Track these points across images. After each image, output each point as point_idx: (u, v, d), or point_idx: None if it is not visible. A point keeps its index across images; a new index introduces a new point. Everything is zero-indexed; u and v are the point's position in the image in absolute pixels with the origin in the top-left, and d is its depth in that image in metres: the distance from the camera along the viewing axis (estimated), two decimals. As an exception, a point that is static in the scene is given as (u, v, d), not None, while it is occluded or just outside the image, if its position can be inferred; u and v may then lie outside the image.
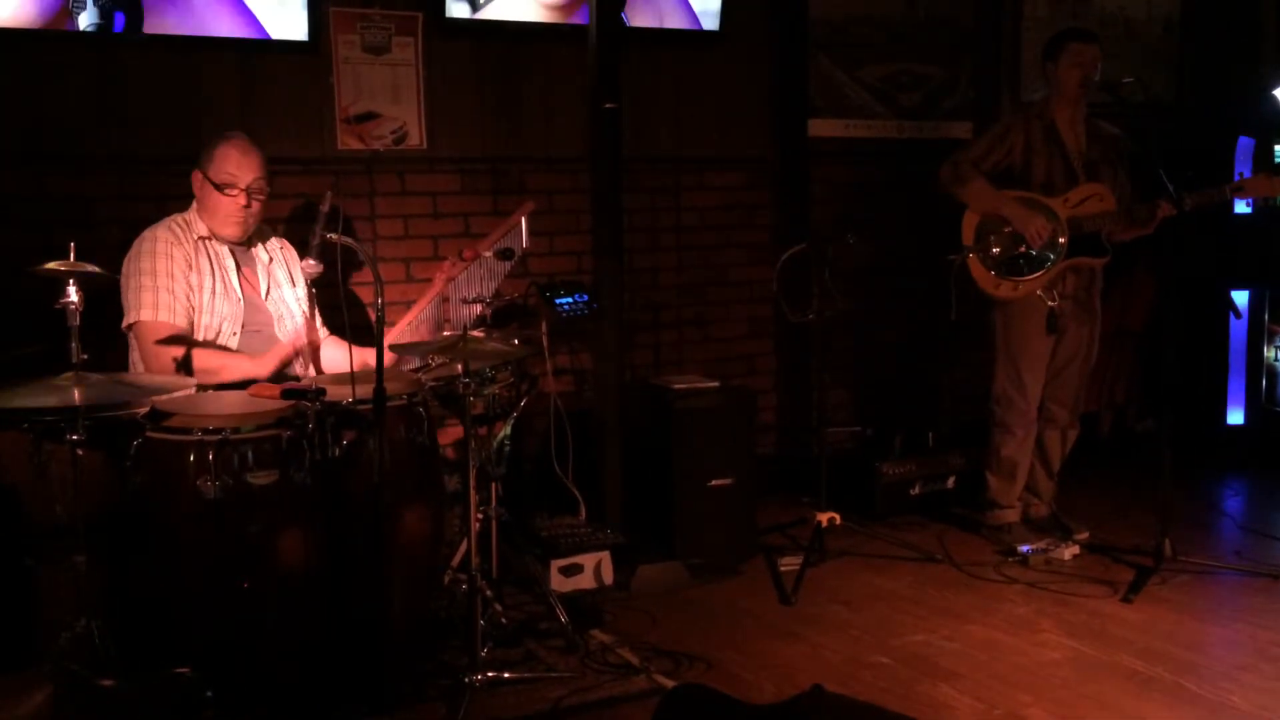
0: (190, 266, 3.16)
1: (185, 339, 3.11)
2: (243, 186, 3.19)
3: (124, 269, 3.15)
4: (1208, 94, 5.59)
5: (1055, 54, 3.98)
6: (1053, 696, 2.93)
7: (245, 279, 3.29)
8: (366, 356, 2.94)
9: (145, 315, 3.09)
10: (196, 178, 3.23)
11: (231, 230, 3.24)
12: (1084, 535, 4.07)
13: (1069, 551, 3.91)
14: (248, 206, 3.21)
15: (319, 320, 3.47)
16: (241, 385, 3.04)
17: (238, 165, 3.18)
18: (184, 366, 3.07)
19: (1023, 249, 3.94)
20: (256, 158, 3.22)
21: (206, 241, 3.23)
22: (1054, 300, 3.95)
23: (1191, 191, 3.77)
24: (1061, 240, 3.92)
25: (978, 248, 3.98)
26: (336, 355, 3.41)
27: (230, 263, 3.26)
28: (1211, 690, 2.95)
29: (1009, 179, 4.02)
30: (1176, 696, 2.92)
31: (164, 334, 3.09)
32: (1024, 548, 3.92)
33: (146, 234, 3.20)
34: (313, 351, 3.41)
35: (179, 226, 3.22)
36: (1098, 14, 5.38)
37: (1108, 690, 2.97)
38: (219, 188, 3.18)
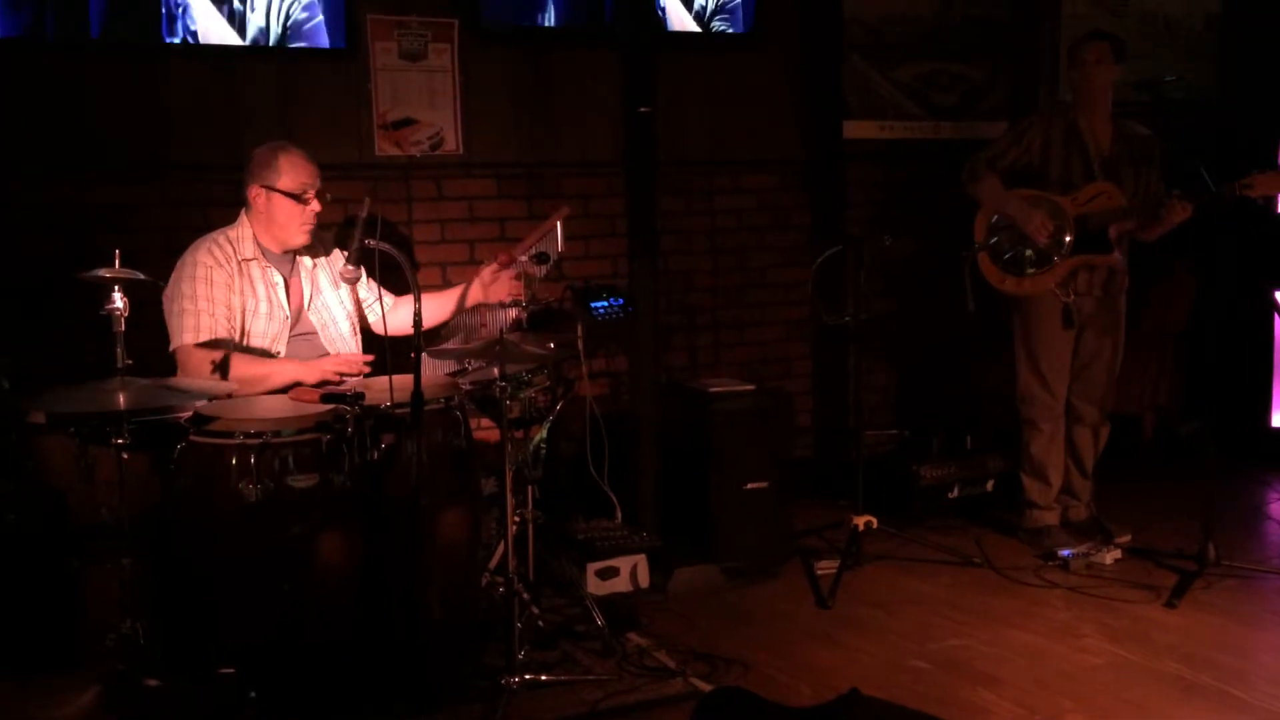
0: (230, 289, 3.09)
1: (227, 344, 3.08)
2: (315, 192, 3.16)
3: (167, 293, 3.10)
4: (1251, 89, 5.50)
5: (1069, 57, 4.09)
6: (1094, 703, 2.90)
7: (291, 291, 3.24)
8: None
9: (187, 339, 3.04)
10: (257, 193, 3.13)
11: (303, 238, 3.19)
12: (1126, 539, 4.03)
13: (1110, 555, 3.87)
14: (318, 211, 3.19)
15: (379, 292, 3.43)
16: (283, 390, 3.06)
17: (307, 172, 3.15)
18: (226, 373, 3.06)
19: (1028, 246, 3.94)
20: (312, 161, 3.21)
21: (250, 263, 3.15)
22: (1068, 296, 3.95)
23: (1210, 189, 3.74)
24: (1067, 238, 3.91)
25: (987, 245, 4.01)
26: (405, 315, 3.32)
27: (278, 279, 3.20)
28: (1257, 697, 2.90)
29: (1028, 177, 4.03)
30: (1221, 703, 2.88)
31: (207, 348, 3.04)
32: (1065, 552, 3.88)
33: (186, 257, 3.13)
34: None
35: (219, 248, 3.13)
36: (1136, 11, 5.31)
37: (1150, 697, 2.93)
38: (296, 197, 3.13)
